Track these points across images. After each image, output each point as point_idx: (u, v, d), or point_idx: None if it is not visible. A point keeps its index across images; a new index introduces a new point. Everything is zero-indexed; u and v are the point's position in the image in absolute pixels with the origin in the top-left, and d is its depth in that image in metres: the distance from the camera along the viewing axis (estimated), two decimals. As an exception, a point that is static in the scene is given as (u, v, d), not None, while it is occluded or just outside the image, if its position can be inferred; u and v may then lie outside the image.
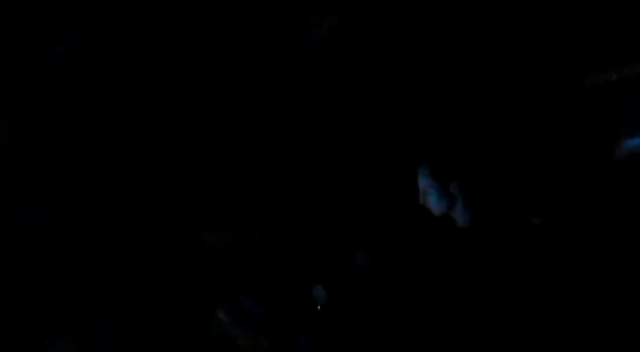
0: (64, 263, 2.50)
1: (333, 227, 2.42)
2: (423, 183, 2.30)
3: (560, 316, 2.15)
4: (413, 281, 2.26)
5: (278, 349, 2.21)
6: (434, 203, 2.29)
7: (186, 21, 2.65)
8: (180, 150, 2.59)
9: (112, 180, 2.57)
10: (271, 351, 2.21)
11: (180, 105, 2.62)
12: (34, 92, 2.62)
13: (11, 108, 2.61)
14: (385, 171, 2.43)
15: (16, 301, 2.45)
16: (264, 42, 2.61)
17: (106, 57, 2.64)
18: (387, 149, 2.44)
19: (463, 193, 2.28)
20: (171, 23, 2.65)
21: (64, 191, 2.54)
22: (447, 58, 2.48)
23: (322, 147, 2.51)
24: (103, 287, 2.48)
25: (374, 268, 2.32)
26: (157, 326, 2.41)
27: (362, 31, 2.54)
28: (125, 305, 2.46)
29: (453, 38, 2.48)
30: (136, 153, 2.60)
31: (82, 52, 2.64)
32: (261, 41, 2.61)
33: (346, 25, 2.54)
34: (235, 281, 2.42)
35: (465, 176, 2.32)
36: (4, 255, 2.48)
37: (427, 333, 2.19)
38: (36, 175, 2.57)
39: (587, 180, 2.27)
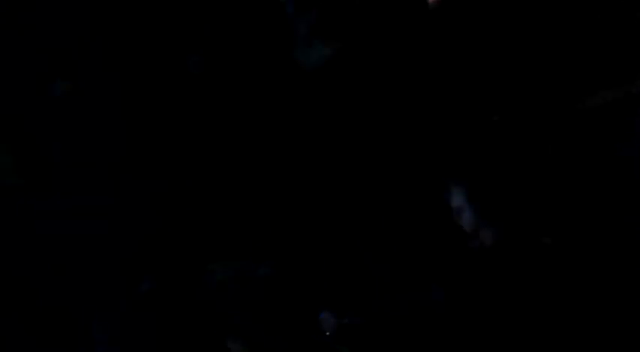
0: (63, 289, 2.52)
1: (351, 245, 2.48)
2: (457, 202, 2.39)
3: (569, 334, 2.25)
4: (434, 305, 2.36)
5: None
6: (467, 221, 2.38)
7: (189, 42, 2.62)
8: (186, 179, 2.59)
9: (117, 209, 2.56)
10: None
11: (184, 132, 2.61)
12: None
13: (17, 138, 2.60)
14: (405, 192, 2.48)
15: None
16: (266, 66, 2.61)
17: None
18: (412, 170, 2.49)
19: (491, 214, 2.37)
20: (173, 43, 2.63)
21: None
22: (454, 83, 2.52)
23: (334, 168, 2.54)
24: (109, 314, 2.50)
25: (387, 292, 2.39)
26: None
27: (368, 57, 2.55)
28: (132, 334, 2.47)
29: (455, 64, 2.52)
30: (141, 181, 2.60)
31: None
32: (262, 66, 2.61)
33: (350, 52, 2.55)
34: (244, 312, 2.42)
35: (492, 197, 2.40)
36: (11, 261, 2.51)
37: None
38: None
39: (590, 200, 2.34)
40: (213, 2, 2.59)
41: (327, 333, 2.36)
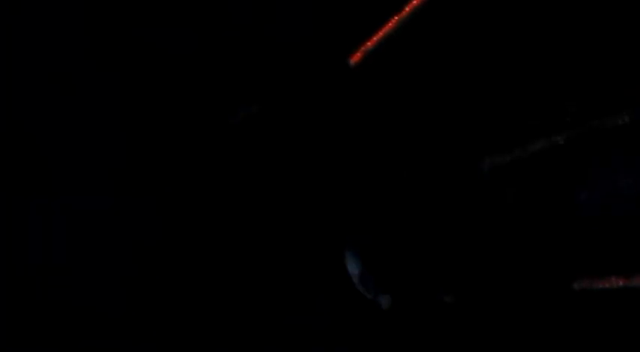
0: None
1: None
2: (352, 268, 2.51)
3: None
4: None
5: None
6: (363, 287, 2.50)
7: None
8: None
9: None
10: None
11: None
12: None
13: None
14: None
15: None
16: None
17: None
18: (312, 234, 2.59)
19: (385, 279, 2.49)
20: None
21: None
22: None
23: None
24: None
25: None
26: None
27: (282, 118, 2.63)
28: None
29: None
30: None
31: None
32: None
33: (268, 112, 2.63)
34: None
35: (386, 264, 2.51)
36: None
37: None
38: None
39: (490, 261, 2.42)
40: None
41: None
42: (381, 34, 2.46)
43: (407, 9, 2.41)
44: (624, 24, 2.21)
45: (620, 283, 2.20)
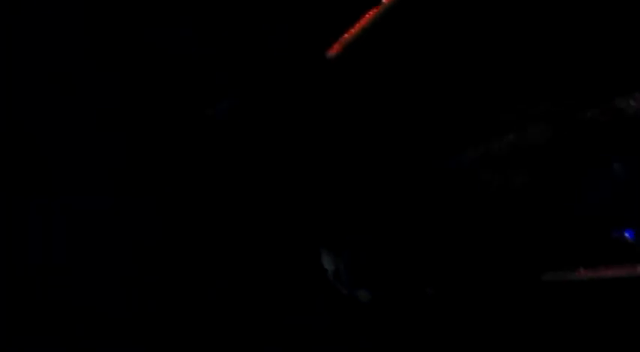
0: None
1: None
2: (327, 264, 2.49)
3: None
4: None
5: None
6: (341, 282, 2.48)
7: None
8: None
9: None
10: None
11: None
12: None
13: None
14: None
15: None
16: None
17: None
18: (288, 228, 2.57)
19: (363, 272, 2.47)
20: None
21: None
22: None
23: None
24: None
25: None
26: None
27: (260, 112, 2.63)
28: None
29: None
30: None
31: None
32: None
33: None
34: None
35: (364, 256, 2.49)
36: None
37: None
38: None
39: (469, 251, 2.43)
40: None
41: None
42: (359, 26, 2.45)
43: (385, 1, 2.40)
44: (604, 15, 2.20)
45: (589, 274, 2.26)
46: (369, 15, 2.43)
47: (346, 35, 2.48)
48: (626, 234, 2.25)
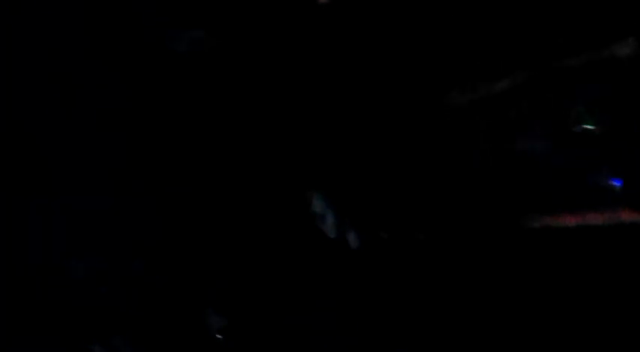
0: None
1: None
2: (318, 208, 2.47)
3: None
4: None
5: None
6: (329, 227, 2.46)
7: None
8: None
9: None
10: None
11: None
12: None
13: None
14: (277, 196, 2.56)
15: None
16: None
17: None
18: (276, 173, 2.56)
19: (354, 218, 2.46)
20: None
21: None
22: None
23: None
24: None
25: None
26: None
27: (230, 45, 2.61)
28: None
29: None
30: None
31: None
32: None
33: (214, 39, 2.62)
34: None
35: (354, 201, 2.49)
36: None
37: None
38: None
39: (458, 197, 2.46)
40: None
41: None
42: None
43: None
44: None
45: (575, 221, 2.30)
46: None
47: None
48: (614, 182, 2.28)
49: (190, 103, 2.66)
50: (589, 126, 2.32)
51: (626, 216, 2.27)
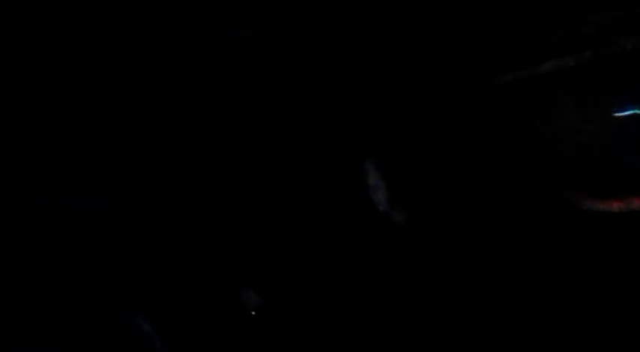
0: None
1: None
2: (373, 179, 2.53)
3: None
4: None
5: None
6: (381, 199, 2.52)
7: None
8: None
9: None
10: None
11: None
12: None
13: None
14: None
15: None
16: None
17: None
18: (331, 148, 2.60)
19: (403, 193, 2.53)
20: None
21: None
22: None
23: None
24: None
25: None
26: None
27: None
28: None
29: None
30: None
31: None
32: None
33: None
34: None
35: (402, 177, 2.55)
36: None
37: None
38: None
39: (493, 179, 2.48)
40: None
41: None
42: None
43: None
44: None
45: (618, 206, 2.30)
46: None
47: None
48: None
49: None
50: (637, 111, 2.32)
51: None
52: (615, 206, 2.30)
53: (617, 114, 2.32)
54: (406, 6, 2.52)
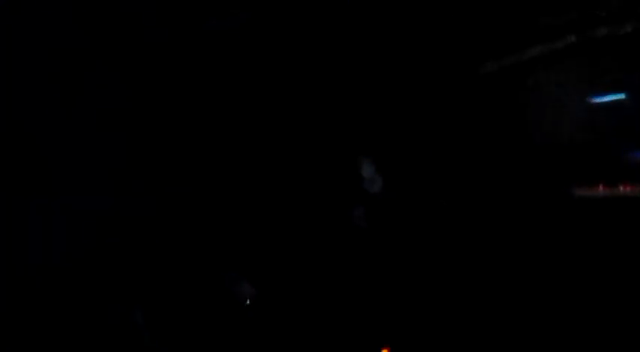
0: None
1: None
2: (367, 172, 2.66)
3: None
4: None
5: None
6: (377, 190, 2.65)
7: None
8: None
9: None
10: None
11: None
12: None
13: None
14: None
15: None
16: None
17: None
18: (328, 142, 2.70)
19: (395, 184, 2.64)
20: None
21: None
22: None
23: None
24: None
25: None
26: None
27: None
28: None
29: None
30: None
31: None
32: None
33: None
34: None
35: (396, 169, 2.65)
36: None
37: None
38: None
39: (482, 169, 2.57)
40: None
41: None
42: None
43: None
44: None
45: (606, 191, 2.36)
46: None
47: None
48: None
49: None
50: (619, 97, 2.34)
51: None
52: (601, 192, 2.34)
53: (600, 100, 2.36)
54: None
